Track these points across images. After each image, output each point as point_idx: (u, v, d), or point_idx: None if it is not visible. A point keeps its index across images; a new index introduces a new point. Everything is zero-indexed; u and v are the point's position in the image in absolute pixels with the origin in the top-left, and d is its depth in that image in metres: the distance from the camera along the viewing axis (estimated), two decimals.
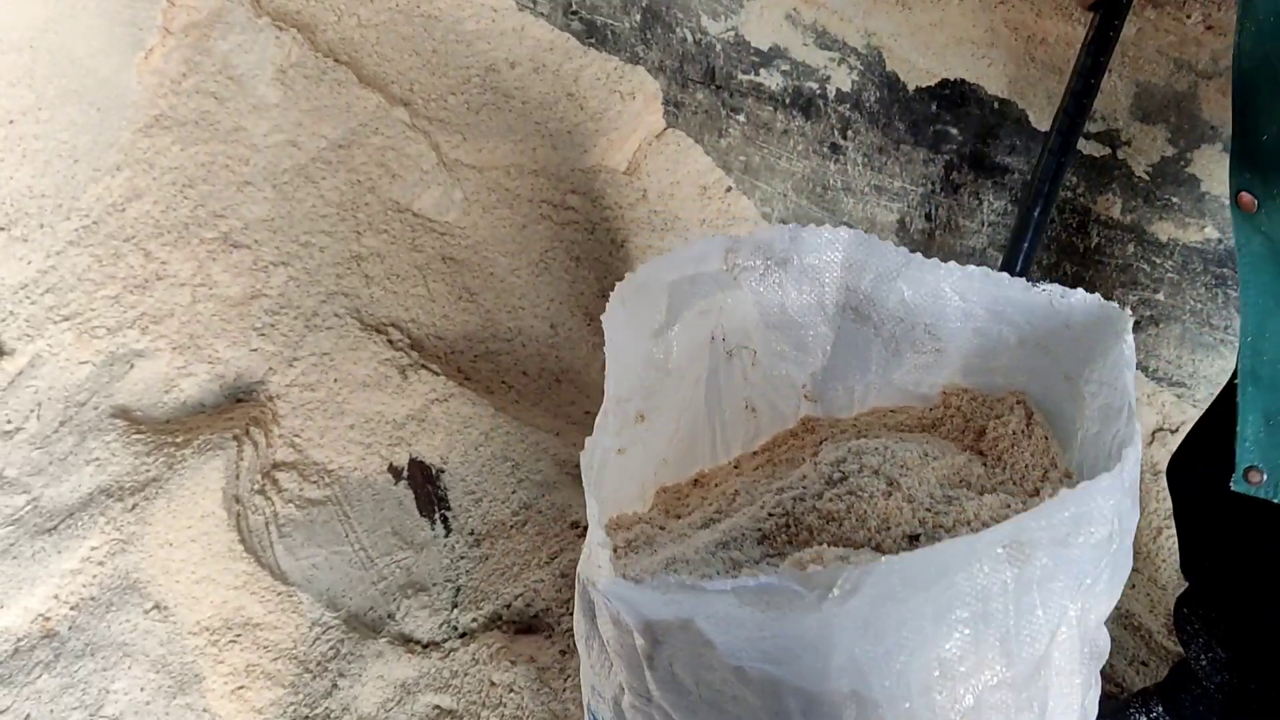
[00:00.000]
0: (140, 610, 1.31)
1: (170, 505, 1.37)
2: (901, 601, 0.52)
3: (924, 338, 0.75)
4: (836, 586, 0.50)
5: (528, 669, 1.24)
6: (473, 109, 1.82)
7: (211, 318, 1.60)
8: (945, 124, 1.59)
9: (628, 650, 0.59)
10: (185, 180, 1.67)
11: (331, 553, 1.42)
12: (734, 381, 0.80)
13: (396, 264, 1.67)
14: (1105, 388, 0.67)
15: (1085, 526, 0.54)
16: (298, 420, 1.54)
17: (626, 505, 0.77)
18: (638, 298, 0.73)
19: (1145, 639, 1.43)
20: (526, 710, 1.21)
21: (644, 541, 0.72)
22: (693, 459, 0.81)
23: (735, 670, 0.54)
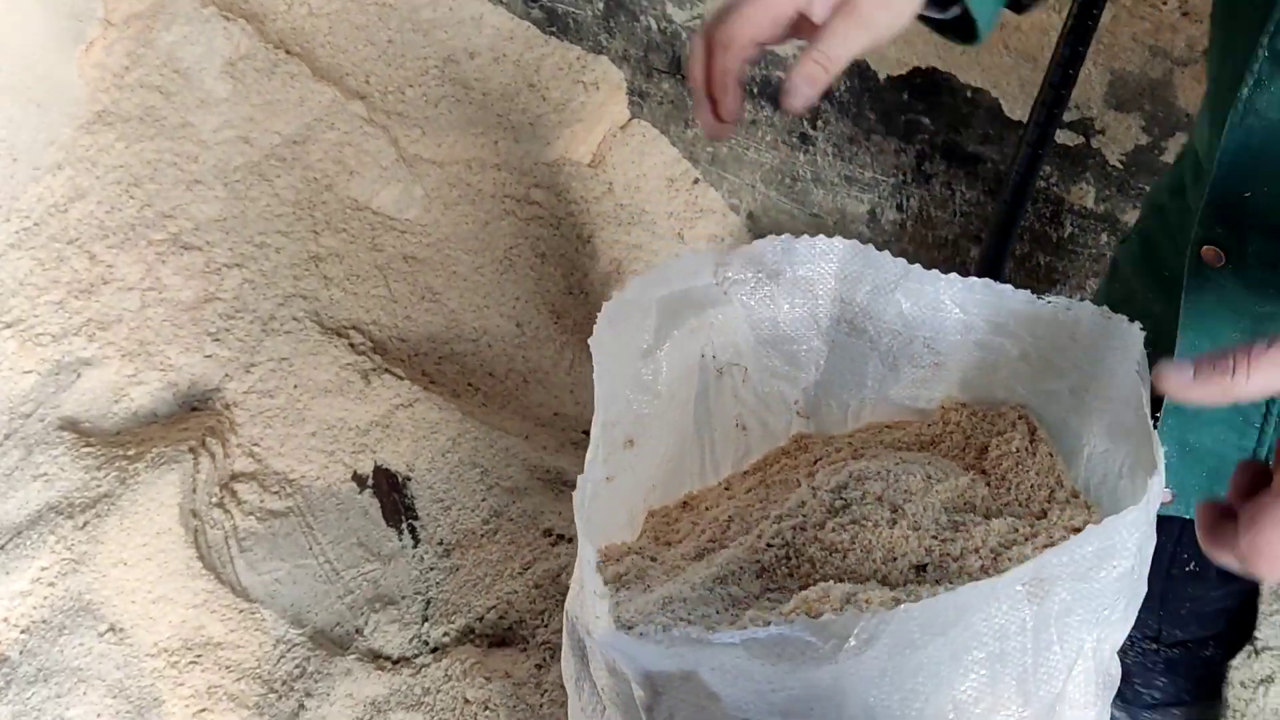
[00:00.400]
0: (95, 633, 1.26)
1: (123, 522, 1.31)
2: (919, 648, 0.49)
3: (922, 351, 0.72)
4: (853, 636, 0.47)
5: (503, 685, 1.20)
6: (431, 101, 1.77)
7: (162, 323, 1.54)
8: (917, 113, 1.57)
9: (624, 699, 0.56)
10: (131, 179, 1.60)
11: (295, 566, 1.37)
12: (724, 400, 0.77)
13: (356, 264, 1.61)
14: (1114, 404, 0.65)
15: (1109, 561, 0.52)
16: (256, 429, 1.48)
17: (615, 534, 0.74)
18: (626, 317, 0.69)
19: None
20: None
21: (635, 575, 0.68)
22: (681, 481, 0.77)
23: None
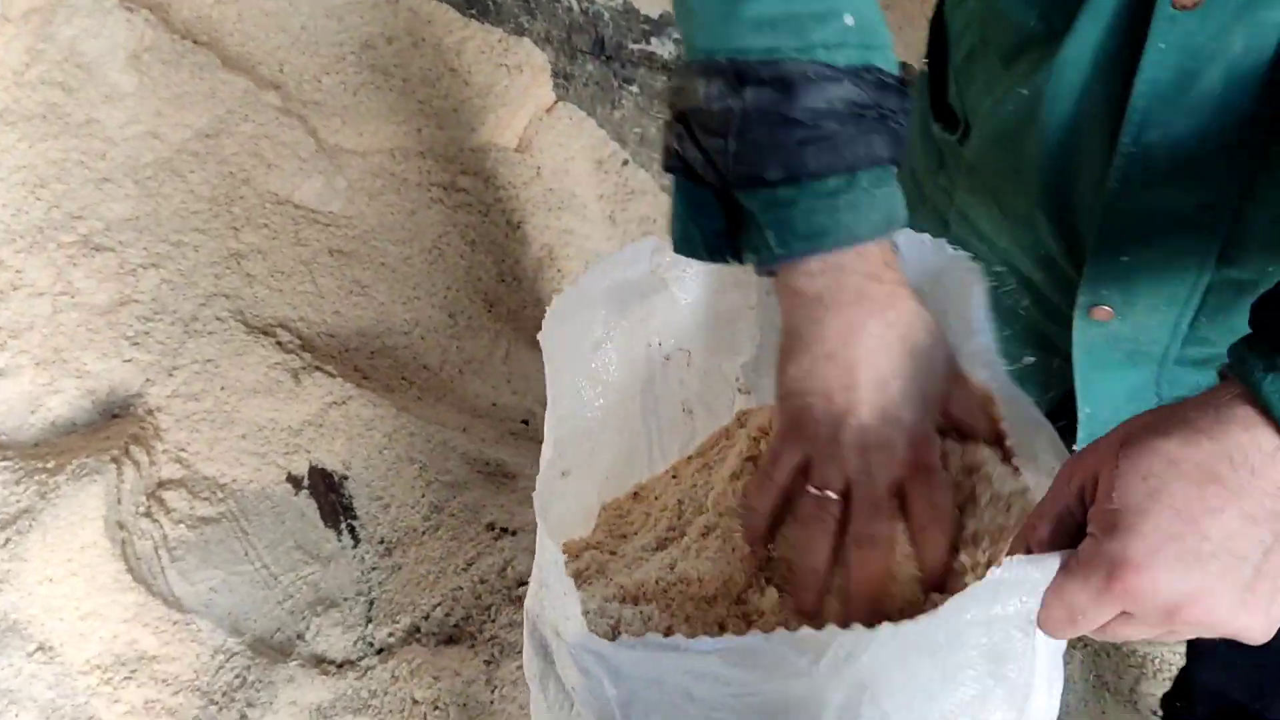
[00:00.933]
0: (23, 653, 1.21)
1: (46, 538, 1.26)
2: (905, 666, 0.48)
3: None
4: (830, 652, 0.46)
5: (452, 683, 1.19)
6: (349, 89, 1.72)
7: (77, 328, 1.48)
8: None
9: (597, 698, 0.55)
10: (36, 180, 1.53)
11: (230, 573, 1.33)
12: (670, 386, 0.76)
13: (280, 260, 1.57)
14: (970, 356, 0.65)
15: None
16: (183, 433, 1.43)
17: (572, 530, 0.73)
18: (574, 312, 0.68)
19: None
20: None
21: (596, 570, 0.67)
22: (631, 472, 0.77)
23: None
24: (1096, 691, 1.37)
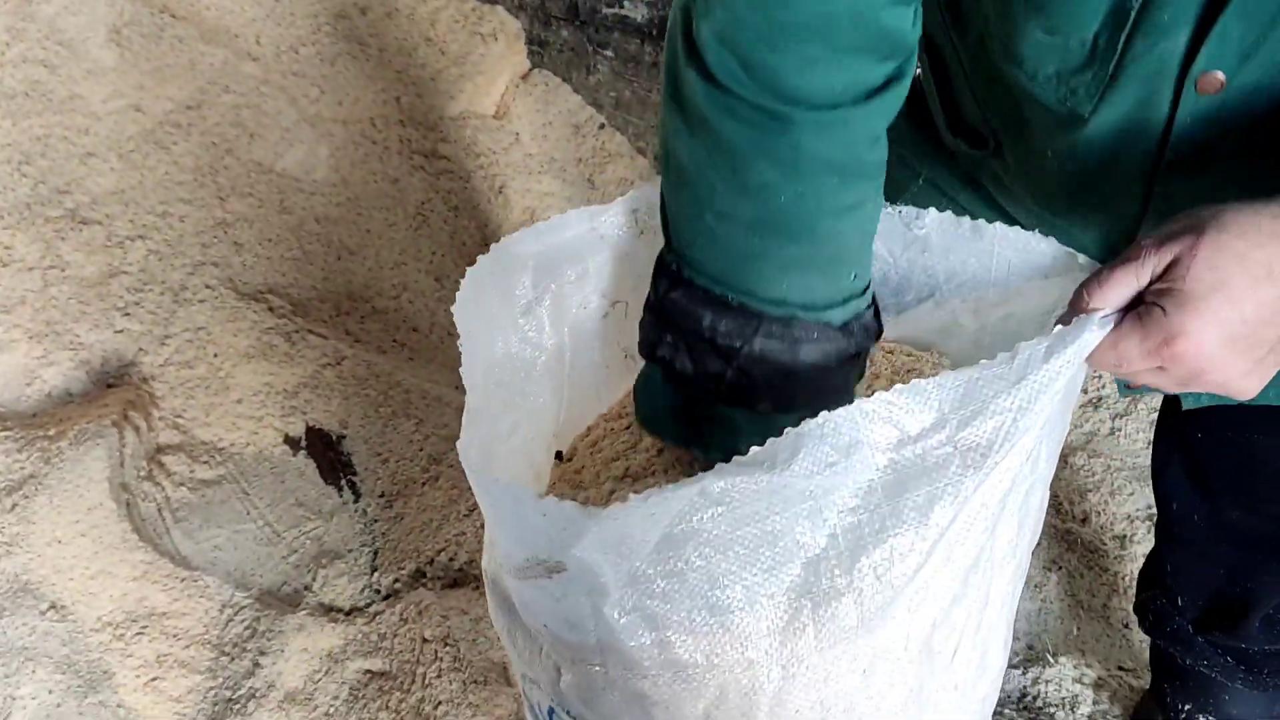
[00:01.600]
0: (36, 612, 1.24)
1: (53, 501, 1.28)
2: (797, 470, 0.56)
3: None
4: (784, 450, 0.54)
5: (460, 621, 1.23)
6: (327, 60, 1.74)
7: (68, 301, 1.50)
8: None
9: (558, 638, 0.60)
10: (21, 156, 1.54)
11: (234, 532, 1.36)
12: (611, 336, 0.81)
13: (266, 228, 1.59)
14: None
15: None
16: (178, 400, 1.46)
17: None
18: (496, 279, 0.72)
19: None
20: (465, 661, 1.20)
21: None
22: (580, 422, 0.81)
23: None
24: (1072, 610, 1.44)
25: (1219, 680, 1.16)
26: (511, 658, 0.73)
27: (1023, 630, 1.43)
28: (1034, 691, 1.35)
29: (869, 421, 0.56)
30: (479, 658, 1.20)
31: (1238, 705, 1.19)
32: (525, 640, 0.68)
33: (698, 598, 0.58)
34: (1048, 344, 0.58)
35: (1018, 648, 1.41)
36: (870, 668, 0.62)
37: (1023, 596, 1.44)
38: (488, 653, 1.21)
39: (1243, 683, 1.15)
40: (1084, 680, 1.35)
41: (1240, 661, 1.13)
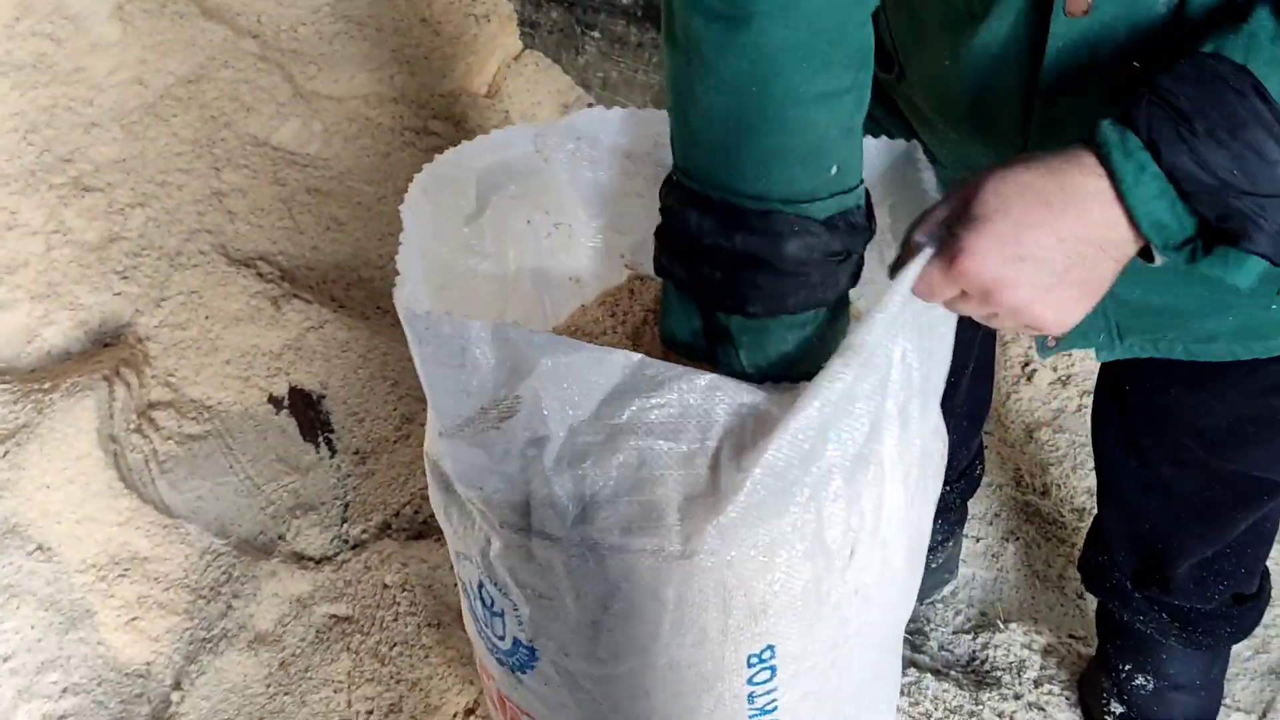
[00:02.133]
0: (23, 552, 1.31)
1: (43, 448, 1.35)
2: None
3: None
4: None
5: (419, 569, 1.28)
6: (325, 39, 1.81)
7: (69, 264, 1.57)
8: None
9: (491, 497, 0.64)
10: (28, 126, 1.62)
11: (216, 484, 1.43)
12: (557, 258, 0.85)
13: (260, 198, 1.66)
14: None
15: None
16: (171, 360, 1.53)
17: None
18: (442, 187, 0.76)
19: (997, 492, 1.55)
20: (420, 605, 1.25)
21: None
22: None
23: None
24: (1028, 579, 1.46)
25: (1155, 639, 1.19)
26: (448, 538, 0.77)
27: (978, 598, 1.46)
28: (983, 655, 1.38)
29: None
30: (434, 602, 1.26)
31: (1175, 664, 1.21)
32: (460, 516, 0.73)
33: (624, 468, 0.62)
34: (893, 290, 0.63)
35: (971, 614, 1.44)
36: (769, 556, 0.66)
37: (979, 566, 1.47)
38: (443, 597, 1.26)
39: (1177, 639, 1.18)
40: (1033, 646, 1.38)
41: (1175, 618, 1.16)
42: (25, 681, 1.24)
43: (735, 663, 0.71)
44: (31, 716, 1.23)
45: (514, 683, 0.77)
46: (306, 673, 1.27)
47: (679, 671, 0.70)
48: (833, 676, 0.74)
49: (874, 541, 0.70)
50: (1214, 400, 0.96)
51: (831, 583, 0.70)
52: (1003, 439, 1.62)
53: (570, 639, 0.71)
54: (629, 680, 0.72)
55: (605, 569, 0.67)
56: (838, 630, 0.72)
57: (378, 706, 1.23)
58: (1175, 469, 1.04)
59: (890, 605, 0.76)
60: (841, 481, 0.66)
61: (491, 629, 0.76)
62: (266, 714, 1.25)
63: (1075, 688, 1.34)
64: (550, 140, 0.80)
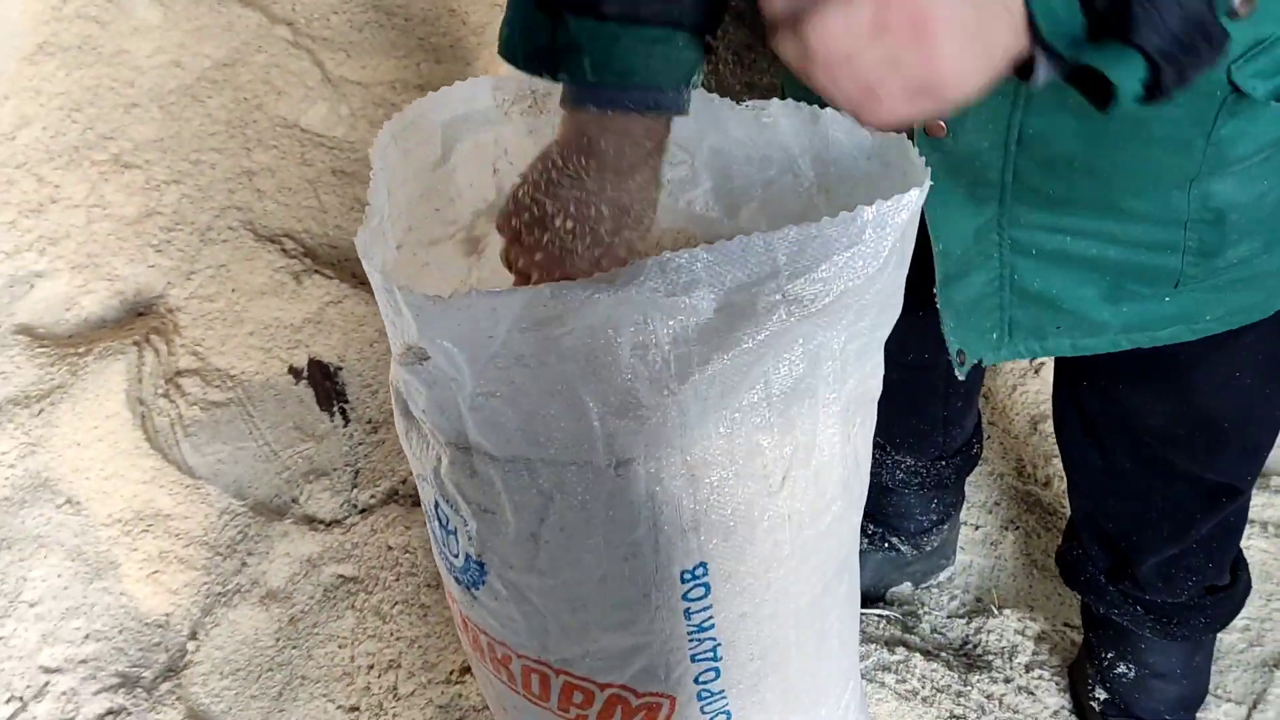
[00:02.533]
0: (53, 505, 1.38)
1: (75, 408, 1.43)
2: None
3: (676, 151, 0.83)
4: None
5: (421, 532, 1.33)
6: (355, 27, 1.87)
7: (108, 237, 1.65)
8: None
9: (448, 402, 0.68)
10: (73, 105, 1.70)
11: (236, 448, 1.49)
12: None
13: (287, 178, 1.72)
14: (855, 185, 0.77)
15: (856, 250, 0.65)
16: (198, 330, 1.60)
17: None
18: (409, 134, 0.81)
19: (998, 481, 1.56)
20: (420, 566, 1.31)
21: None
22: (496, 275, 0.90)
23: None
24: (1025, 568, 1.48)
25: (1132, 630, 1.21)
26: (410, 462, 0.82)
27: (974, 585, 1.48)
28: (975, 640, 1.40)
29: (708, 263, 0.64)
30: (433, 564, 1.31)
31: (1155, 654, 1.23)
32: (418, 438, 0.77)
33: (536, 397, 0.67)
34: (880, 210, 0.65)
35: (966, 599, 1.46)
36: (696, 474, 0.70)
37: (977, 553, 1.49)
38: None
39: (1152, 631, 1.19)
40: (1026, 633, 1.40)
41: (1149, 611, 1.18)
42: (50, 626, 1.32)
43: (668, 577, 0.74)
44: (55, 659, 1.30)
45: (470, 600, 0.82)
46: (314, 628, 1.33)
47: (615, 584, 0.74)
48: (769, 599, 0.78)
49: (807, 471, 0.74)
50: (1157, 399, 0.98)
51: (763, 506, 0.73)
52: (1007, 430, 1.63)
53: (512, 552, 0.75)
54: (567, 591, 0.76)
55: (538, 482, 0.71)
56: (771, 553, 0.76)
57: (378, 662, 1.28)
58: (1135, 465, 1.06)
59: (825, 533, 0.79)
60: (772, 413, 0.70)
61: (448, 548, 0.80)
62: (275, 665, 1.31)
63: (1066, 674, 1.36)
64: (507, 91, 0.84)
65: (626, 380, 0.66)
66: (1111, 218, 0.81)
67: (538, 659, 0.81)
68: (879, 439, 1.21)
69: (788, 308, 0.66)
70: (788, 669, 0.84)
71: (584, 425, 0.68)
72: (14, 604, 1.32)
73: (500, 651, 0.83)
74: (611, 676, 0.81)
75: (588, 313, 0.63)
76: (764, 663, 0.82)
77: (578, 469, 0.70)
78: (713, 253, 0.64)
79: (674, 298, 0.65)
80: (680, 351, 0.66)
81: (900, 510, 1.37)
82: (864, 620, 1.39)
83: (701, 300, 0.65)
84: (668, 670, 0.80)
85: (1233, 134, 0.76)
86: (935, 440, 1.29)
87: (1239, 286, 0.85)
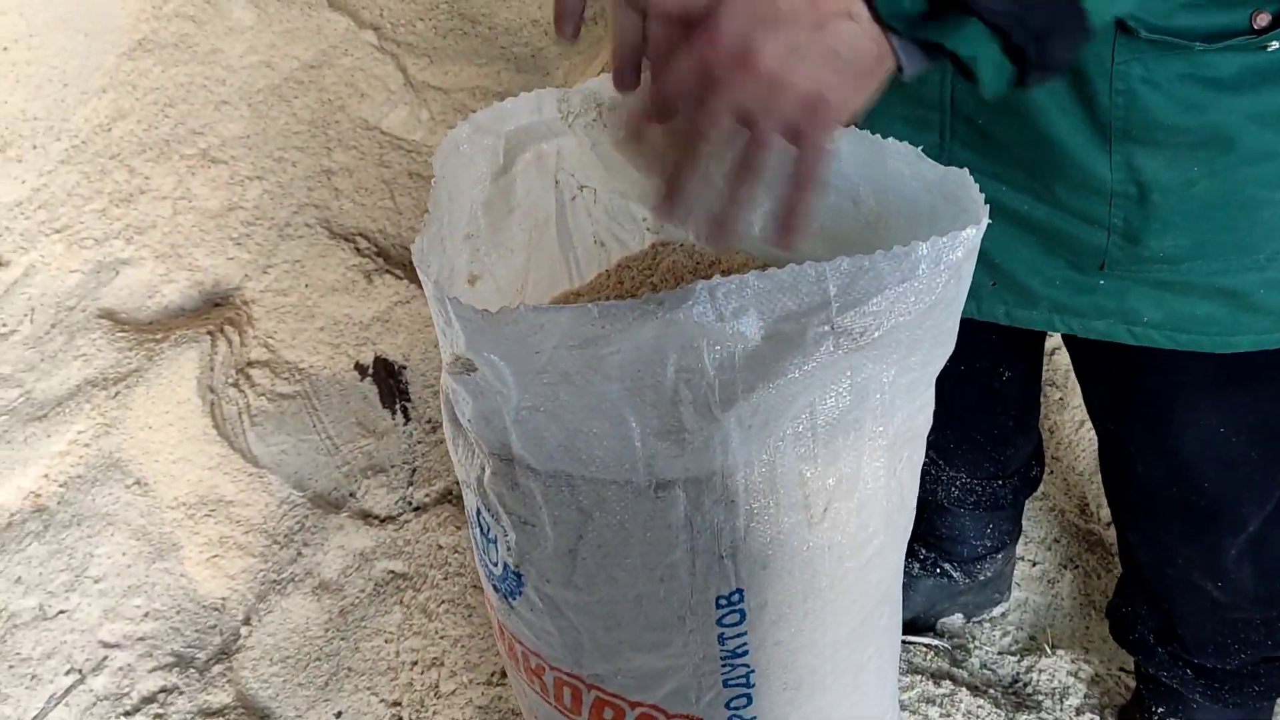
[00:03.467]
0: (122, 485, 1.43)
1: (149, 392, 1.48)
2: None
3: None
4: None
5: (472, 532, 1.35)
6: (440, 34, 1.91)
7: (191, 228, 1.71)
8: None
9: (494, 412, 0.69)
10: (166, 100, 1.77)
11: (299, 440, 1.53)
12: (580, 219, 0.89)
13: (364, 178, 1.76)
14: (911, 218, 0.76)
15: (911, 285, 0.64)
16: (271, 323, 1.64)
17: None
18: (474, 142, 0.82)
19: (1059, 517, 1.52)
20: (468, 567, 1.32)
21: None
22: (549, 288, 0.90)
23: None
24: (1082, 608, 1.44)
25: (1181, 691, 1.17)
26: (455, 468, 0.83)
27: (1028, 621, 1.44)
28: (1026, 679, 1.36)
29: (759, 291, 0.63)
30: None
31: (1205, 714, 1.18)
32: (464, 445, 0.78)
33: (579, 414, 0.67)
34: (935, 247, 0.64)
35: (1019, 636, 1.43)
36: (734, 501, 0.70)
37: (1034, 590, 1.46)
38: None
39: (1202, 695, 1.15)
40: (1079, 675, 1.36)
41: (1199, 675, 1.13)
42: (112, 603, 1.36)
43: (703, 602, 0.74)
44: (114, 635, 1.34)
45: (507, 610, 0.82)
46: (362, 622, 1.36)
47: (650, 604, 0.74)
48: (805, 629, 0.76)
49: (850, 504, 0.73)
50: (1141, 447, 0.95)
51: (803, 537, 0.72)
52: (1071, 466, 1.59)
53: (549, 565, 0.75)
54: (603, 609, 0.76)
55: (578, 498, 0.71)
56: (809, 583, 0.74)
57: (422, 659, 1.30)
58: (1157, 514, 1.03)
59: (866, 566, 0.78)
60: (816, 444, 0.69)
61: (488, 556, 0.81)
62: (323, 655, 1.34)
63: (1117, 718, 1.31)
64: (572, 104, 0.85)
65: (670, 403, 0.66)
66: (1040, 173, 0.80)
67: (570, 673, 0.81)
68: (932, 453, 1.18)
69: (836, 339, 0.65)
70: (822, 699, 0.83)
71: (626, 445, 0.68)
72: (80, 579, 1.37)
73: (534, 662, 0.84)
74: (643, 695, 0.80)
75: (635, 334, 0.63)
76: (798, 693, 0.81)
77: (618, 488, 0.69)
78: (764, 280, 0.63)
79: (722, 323, 0.64)
80: (725, 378, 0.65)
81: (954, 533, 1.34)
82: (912, 650, 1.37)
83: (750, 327, 0.64)
84: (699, 694, 0.79)
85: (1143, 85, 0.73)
86: (990, 456, 1.26)
87: (1177, 291, 0.81)
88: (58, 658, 1.32)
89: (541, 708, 0.88)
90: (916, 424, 0.76)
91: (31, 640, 1.33)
